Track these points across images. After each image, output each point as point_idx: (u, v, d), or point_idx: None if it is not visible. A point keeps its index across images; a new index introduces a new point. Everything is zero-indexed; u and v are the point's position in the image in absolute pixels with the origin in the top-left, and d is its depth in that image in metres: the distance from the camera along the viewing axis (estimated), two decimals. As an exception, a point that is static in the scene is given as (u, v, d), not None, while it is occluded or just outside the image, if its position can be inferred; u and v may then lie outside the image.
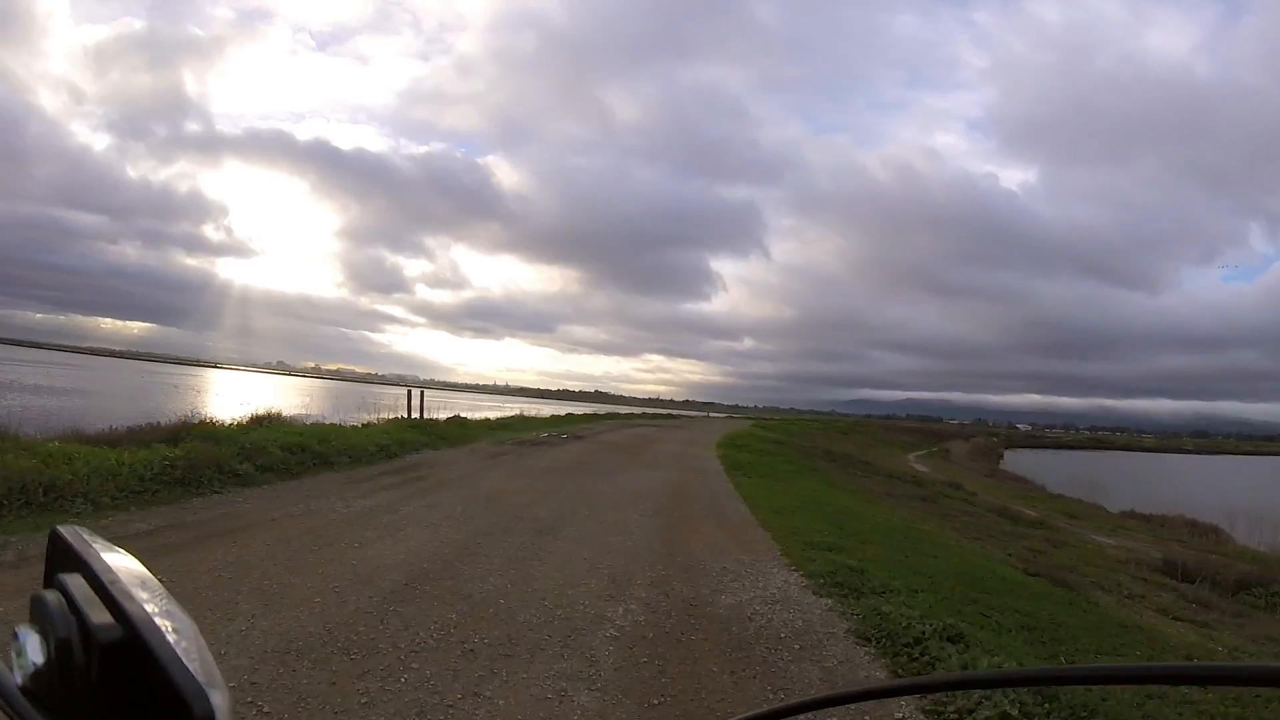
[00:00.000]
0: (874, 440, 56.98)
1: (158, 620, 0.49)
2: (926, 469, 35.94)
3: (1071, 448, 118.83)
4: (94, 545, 0.50)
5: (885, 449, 50.68)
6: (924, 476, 27.27)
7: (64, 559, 0.50)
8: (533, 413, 30.72)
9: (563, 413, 36.10)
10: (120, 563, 0.50)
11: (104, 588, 0.49)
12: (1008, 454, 66.30)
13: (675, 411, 68.48)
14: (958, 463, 47.71)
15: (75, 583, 0.50)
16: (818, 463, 20.82)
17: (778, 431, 40.08)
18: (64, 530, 0.50)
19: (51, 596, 0.49)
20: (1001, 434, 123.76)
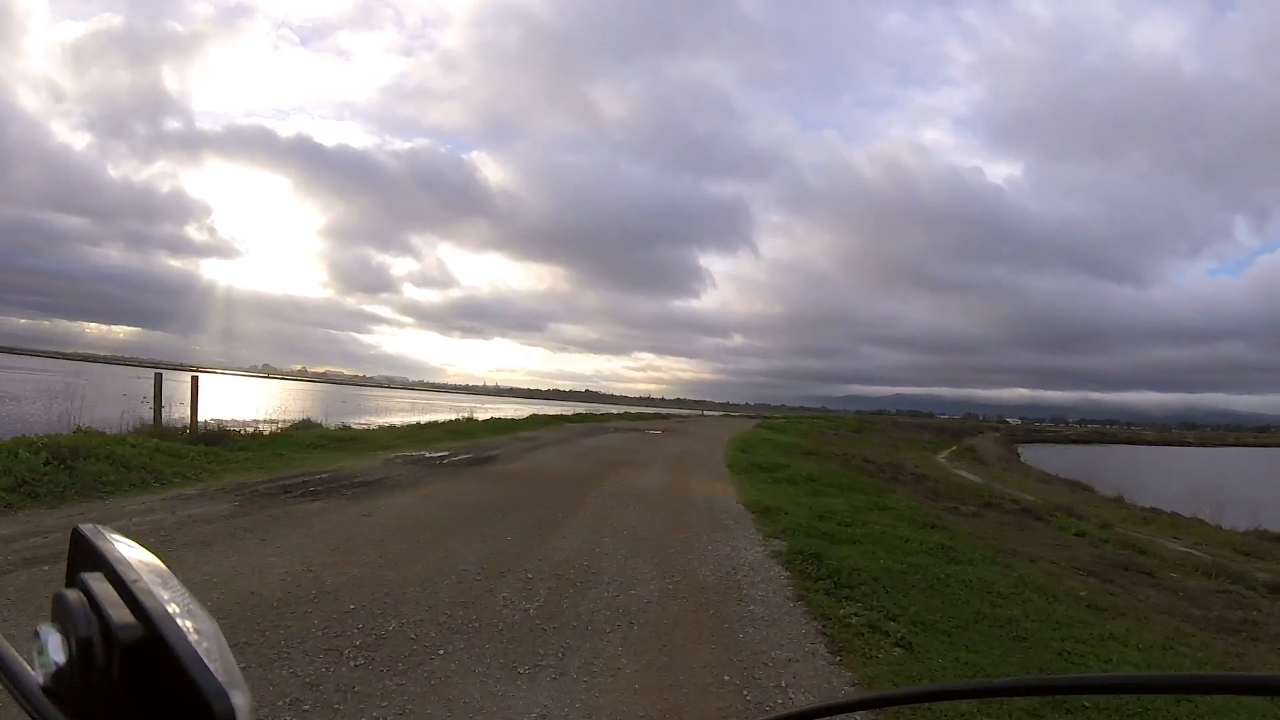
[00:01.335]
0: (894, 440, 48.48)
1: (179, 620, 0.47)
2: (982, 478, 27.27)
3: (1074, 442, 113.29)
4: (116, 543, 0.48)
5: (910, 450, 42.19)
6: (1023, 499, 18.67)
7: (86, 557, 0.48)
8: (484, 414, 22.69)
9: (526, 414, 27.39)
10: (142, 561, 0.48)
11: (125, 587, 0.48)
12: (1020, 450, 59.60)
13: (666, 410, 59.64)
14: (993, 464, 39.27)
15: (97, 581, 0.48)
16: (905, 494, 12.01)
17: (790, 434, 31.63)
18: (85, 529, 0.49)
19: (73, 595, 0.48)
20: (1004, 429, 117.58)
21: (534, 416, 24.73)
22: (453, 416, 21.96)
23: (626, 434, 20.59)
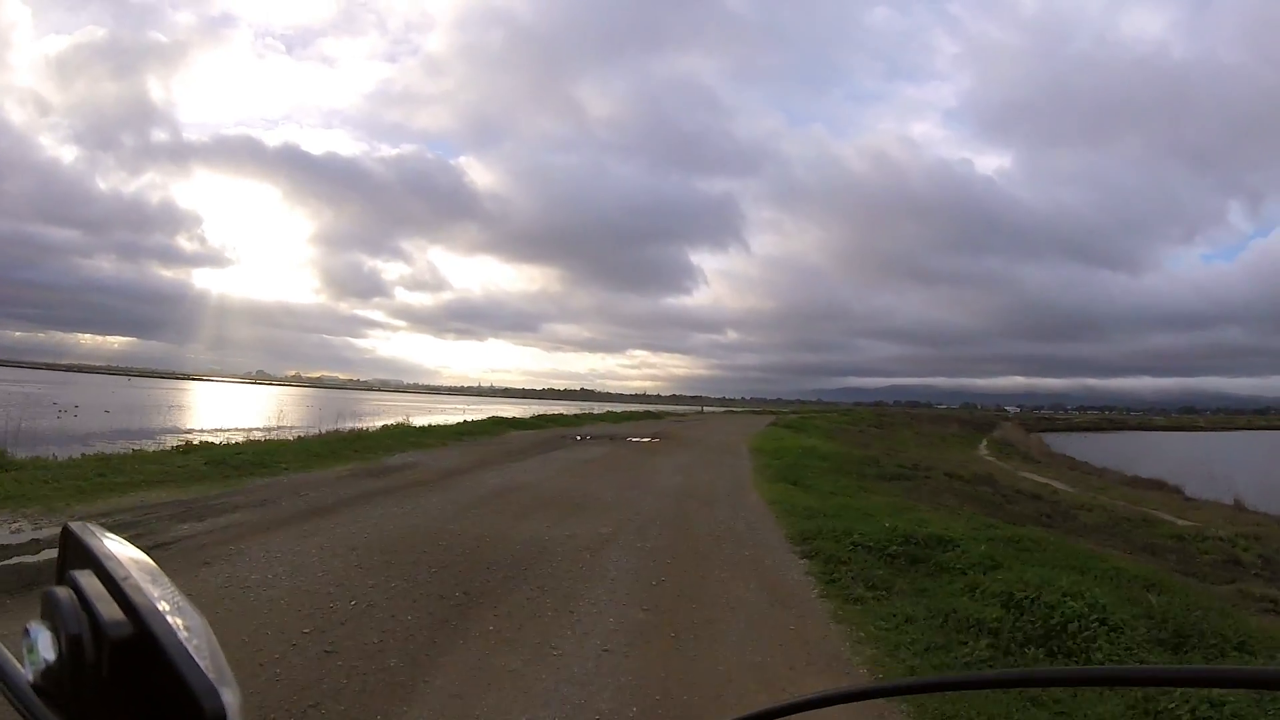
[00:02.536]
0: (925, 435, 41.29)
1: (169, 617, 0.46)
2: (1071, 486, 20.00)
3: (1086, 430, 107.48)
4: (106, 541, 0.48)
5: (954, 448, 34.93)
6: (1233, 539, 11.37)
7: (76, 555, 0.48)
8: (448, 416, 18.79)
9: (484, 416, 20.09)
10: (132, 558, 0.48)
11: (115, 584, 0.46)
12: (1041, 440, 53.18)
13: (661, 408, 52.19)
14: (1047, 462, 31.98)
15: (87, 579, 0.46)
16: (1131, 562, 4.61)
17: (815, 434, 24.59)
18: (75, 526, 0.49)
19: (63, 593, 0.46)
20: (1015, 418, 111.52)
21: (470, 422, 17.23)
22: (395, 421, 14.97)
23: (596, 448, 13.06)
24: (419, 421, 18.39)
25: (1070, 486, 19.77)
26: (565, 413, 25.38)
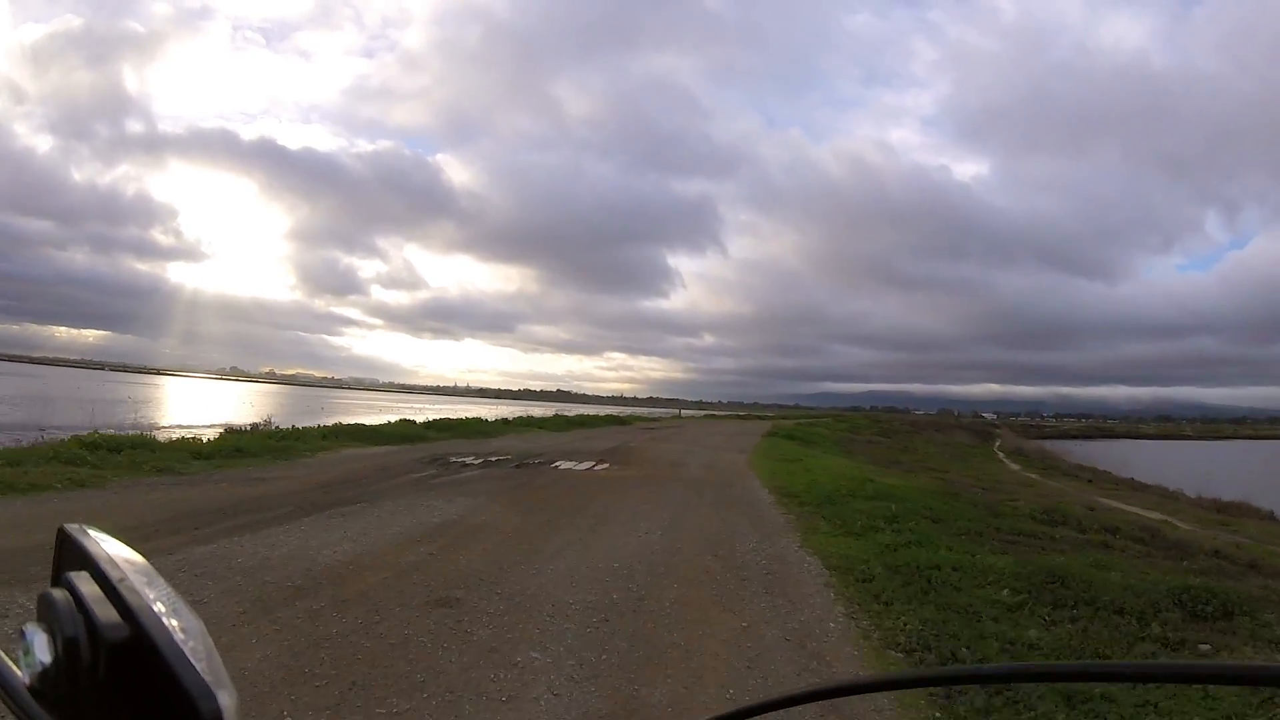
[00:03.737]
0: (944, 447, 35.10)
1: (165, 620, 0.46)
2: (1166, 514, 13.53)
3: (1073, 438, 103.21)
4: (102, 543, 0.47)
5: (984, 461, 28.70)
6: None
7: (72, 557, 0.47)
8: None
9: (394, 420, 13.57)
10: (128, 560, 0.47)
11: (112, 586, 0.46)
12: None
13: (635, 412, 45.47)
14: (1090, 476, 25.86)
15: (83, 581, 0.46)
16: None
17: (829, 448, 19.01)
18: (71, 528, 0.47)
19: (59, 595, 0.46)
20: (1002, 425, 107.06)
21: (292, 430, 10.57)
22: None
23: (455, 498, 6.31)
24: (308, 423, 12.21)
25: (1174, 518, 13.55)
26: (489, 416, 18.49)
